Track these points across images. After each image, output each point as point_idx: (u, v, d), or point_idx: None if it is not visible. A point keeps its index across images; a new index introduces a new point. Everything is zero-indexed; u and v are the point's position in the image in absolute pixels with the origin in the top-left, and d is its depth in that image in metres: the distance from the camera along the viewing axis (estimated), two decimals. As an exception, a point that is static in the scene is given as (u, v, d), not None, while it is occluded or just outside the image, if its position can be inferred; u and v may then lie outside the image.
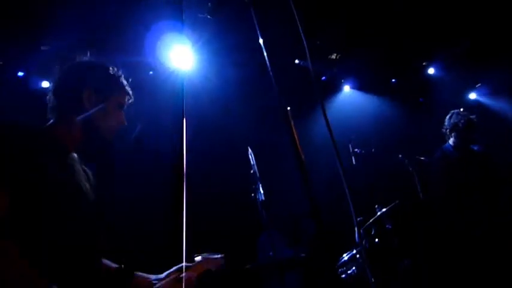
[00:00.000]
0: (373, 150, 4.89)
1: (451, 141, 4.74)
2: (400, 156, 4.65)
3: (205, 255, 2.10)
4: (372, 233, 4.52)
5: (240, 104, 5.34)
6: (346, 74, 7.24)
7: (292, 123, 1.20)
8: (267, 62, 1.24)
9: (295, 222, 5.53)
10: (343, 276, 4.24)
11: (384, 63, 6.97)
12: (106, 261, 1.94)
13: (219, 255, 2.10)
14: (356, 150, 4.84)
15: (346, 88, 7.40)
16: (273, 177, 3.93)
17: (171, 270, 1.98)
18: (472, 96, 7.67)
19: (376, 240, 4.47)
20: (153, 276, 2.00)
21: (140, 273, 2.00)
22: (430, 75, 7.41)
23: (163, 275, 1.97)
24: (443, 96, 7.22)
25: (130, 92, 1.95)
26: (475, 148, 4.75)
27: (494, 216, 4.39)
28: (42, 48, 4.66)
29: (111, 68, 1.90)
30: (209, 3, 4.20)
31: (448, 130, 4.73)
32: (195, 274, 1.98)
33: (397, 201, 4.56)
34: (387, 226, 4.55)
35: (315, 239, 5.01)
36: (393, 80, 7.50)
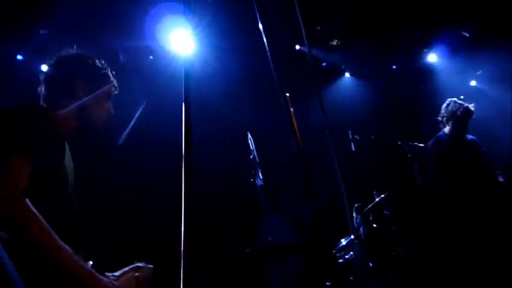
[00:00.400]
0: (372, 137, 4.90)
1: (446, 129, 4.72)
2: (399, 142, 4.66)
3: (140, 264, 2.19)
4: (370, 218, 4.56)
5: (240, 89, 5.33)
6: (347, 61, 7.22)
7: (291, 109, 1.20)
8: (266, 48, 1.24)
9: (295, 207, 5.58)
10: (341, 261, 4.29)
11: (385, 49, 6.94)
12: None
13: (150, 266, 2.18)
14: (356, 136, 4.85)
15: (347, 74, 7.38)
16: (272, 162, 3.95)
17: (125, 269, 2.07)
18: (473, 83, 7.65)
19: (374, 225, 4.52)
20: (109, 274, 2.04)
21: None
22: (430, 62, 7.39)
23: (118, 273, 2.03)
24: (444, 83, 7.21)
25: (116, 84, 2.11)
26: (469, 138, 4.75)
27: (488, 206, 4.42)
28: (41, 32, 4.65)
29: (98, 61, 2.05)
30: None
31: (445, 118, 4.70)
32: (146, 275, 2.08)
33: (394, 188, 4.59)
34: (385, 212, 4.59)
35: (313, 225, 5.05)
36: (394, 67, 7.48)
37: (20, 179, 1.56)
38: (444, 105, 4.73)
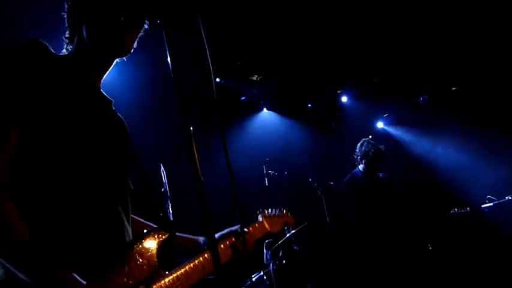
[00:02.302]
0: (285, 173, 5.01)
1: (360, 167, 5.03)
2: (310, 180, 4.81)
3: (270, 212, 1.93)
4: (280, 254, 4.58)
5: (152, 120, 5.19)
6: (265, 96, 7.40)
7: (193, 143, 1.18)
8: (173, 80, 1.21)
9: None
10: (250, 298, 4.23)
11: (302, 88, 7.24)
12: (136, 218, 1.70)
13: (289, 214, 1.92)
14: (270, 172, 4.93)
15: (265, 110, 7.55)
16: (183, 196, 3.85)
17: (224, 232, 1.79)
18: (380, 125, 8.23)
19: (284, 262, 4.54)
20: (201, 238, 1.79)
21: (185, 235, 1.79)
22: (343, 102, 7.85)
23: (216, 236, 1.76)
24: (354, 123, 7.66)
25: None
26: (381, 175, 5.08)
27: (396, 237, 4.70)
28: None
29: None
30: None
31: (359, 157, 5.01)
32: (252, 239, 1.84)
33: (305, 223, 4.69)
34: (295, 247, 4.65)
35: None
36: (309, 105, 7.81)
37: None
38: (359, 144, 5.04)
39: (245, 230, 1.92)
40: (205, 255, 1.67)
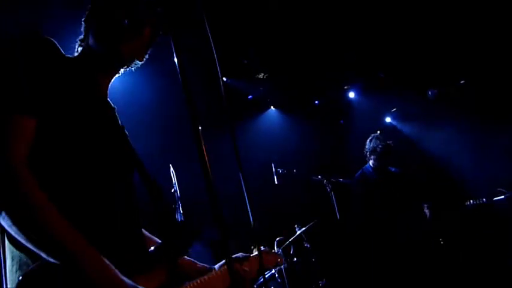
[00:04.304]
0: (294, 170, 5.00)
1: (370, 163, 5.01)
2: (319, 177, 4.80)
3: (265, 249, 1.93)
4: (291, 252, 4.60)
5: (161, 123, 5.21)
6: (272, 94, 7.40)
7: (202, 143, 1.19)
8: (180, 81, 1.23)
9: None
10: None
11: (308, 85, 7.23)
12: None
13: (279, 252, 1.92)
14: (278, 170, 4.93)
15: (272, 108, 7.55)
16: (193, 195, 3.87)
17: (223, 262, 1.78)
18: (388, 119, 8.18)
19: (295, 259, 4.55)
20: (200, 264, 1.80)
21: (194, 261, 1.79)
22: (350, 98, 7.81)
23: (216, 266, 1.79)
24: (362, 118, 7.63)
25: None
26: (392, 170, 5.06)
27: (412, 233, 4.69)
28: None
29: None
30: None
31: (368, 153, 5.00)
32: (251, 271, 1.82)
33: (315, 221, 4.69)
34: (306, 245, 4.66)
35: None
36: (316, 102, 7.79)
37: (16, 139, 1.21)
38: (368, 140, 5.03)
39: (249, 255, 1.91)
40: (218, 271, 1.70)
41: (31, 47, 1.32)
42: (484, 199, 5.37)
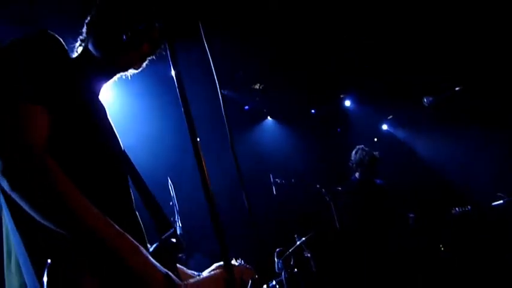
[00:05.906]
0: (292, 180, 4.99)
1: (357, 174, 5.01)
2: (317, 186, 4.79)
3: (239, 262, 1.92)
4: (291, 262, 4.56)
5: (158, 134, 5.21)
6: (268, 104, 7.41)
7: (201, 155, 1.19)
8: (178, 93, 1.23)
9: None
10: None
11: (304, 94, 7.25)
12: None
13: (250, 267, 1.91)
14: (276, 180, 4.91)
15: (269, 118, 7.56)
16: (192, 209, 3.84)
17: (211, 268, 1.76)
18: (384, 127, 8.21)
19: (295, 270, 4.51)
20: (189, 271, 1.78)
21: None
22: (346, 106, 7.84)
23: (207, 272, 1.76)
24: (359, 126, 7.65)
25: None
26: (378, 182, 5.05)
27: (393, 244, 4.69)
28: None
29: None
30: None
31: (354, 165, 4.99)
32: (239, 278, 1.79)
33: (315, 231, 4.66)
34: (306, 255, 4.62)
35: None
36: (313, 111, 7.80)
37: (36, 128, 1.19)
38: (353, 152, 5.02)
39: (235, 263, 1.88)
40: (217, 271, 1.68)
41: (43, 43, 1.35)
42: (469, 207, 5.34)
